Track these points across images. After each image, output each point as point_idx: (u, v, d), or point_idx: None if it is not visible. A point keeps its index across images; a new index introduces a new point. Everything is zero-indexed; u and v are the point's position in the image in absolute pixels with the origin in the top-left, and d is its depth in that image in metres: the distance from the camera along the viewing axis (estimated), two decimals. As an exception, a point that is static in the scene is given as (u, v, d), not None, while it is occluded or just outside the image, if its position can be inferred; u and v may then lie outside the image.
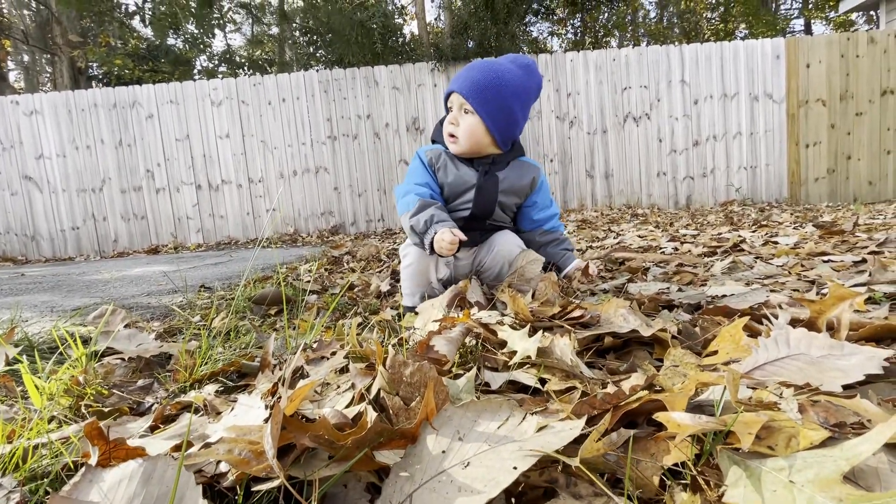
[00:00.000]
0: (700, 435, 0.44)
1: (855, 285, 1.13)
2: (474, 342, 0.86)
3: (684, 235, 2.58)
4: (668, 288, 1.28)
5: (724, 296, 1.15)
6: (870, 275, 1.15)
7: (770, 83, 5.72)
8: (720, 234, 2.50)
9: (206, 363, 0.87)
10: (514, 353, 0.78)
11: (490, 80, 1.27)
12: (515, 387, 0.75)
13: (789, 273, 1.36)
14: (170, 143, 5.70)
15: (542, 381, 0.71)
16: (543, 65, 5.76)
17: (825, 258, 1.46)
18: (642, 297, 1.15)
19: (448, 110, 1.35)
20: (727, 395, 0.50)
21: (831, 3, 14.58)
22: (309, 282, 2.01)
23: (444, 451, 0.45)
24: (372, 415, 0.55)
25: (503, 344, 0.84)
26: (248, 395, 0.71)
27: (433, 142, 1.44)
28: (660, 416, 0.46)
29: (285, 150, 5.78)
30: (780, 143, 5.79)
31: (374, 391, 0.62)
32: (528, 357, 0.75)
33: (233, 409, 0.67)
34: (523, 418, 0.47)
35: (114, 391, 0.74)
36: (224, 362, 0.86)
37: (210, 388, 0.74)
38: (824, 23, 16.27)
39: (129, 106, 5.63)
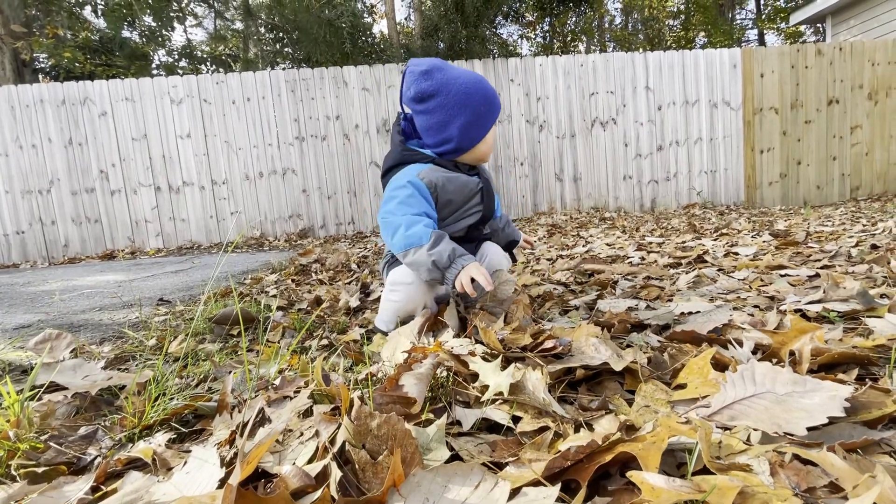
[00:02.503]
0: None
1: (811, 302, 1.17)
2: (445, 374, 0.84)
3: (650, 243, 2.65)
4: (636, 305, 1.30)
5: (690, 313, 1.18)
6: (824, 292, 1.20)
7: (728, 91, 5.96)
8: (684, 242, 2.58)
9: (159, 401, 0.81)
10: (487, 387, 0.76)
11: None
12: (488, 424, 0.73)
13: (750, 288, 1.40)
14: (125, 143, 5.40)
15: (515, 419, 0.70)
16: (514, 69, 5.80)
17: (782, 272, 1.51)
18: (612, 316, 1.16)
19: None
20: (699, 444, 0.50)
21: (782, 16, 15.39)
22: (274, 296, 1.93)
23: (412, 523, 0.43)
24: (336, 475, 0.51)
25: (475, 376, 0.82)
26: (203, 445, 0.66)
27: (398, 165, 1.31)
28: (633, 477, 0.45)
29: (251, 150, 5.58)
30: (737, 149, 6.05)
31: (339, 442, 0.58)
32: (501, 392, 0.73)
33: (185, 463, 0.62)
34: (496, 484, 0.45)
35: (51, 444, 0.68)
36: (178, 404, 0.80)
37: (161, 438, 0.69)
38: (776, 33, 17.16)
39: (79, 102, 5.30)
